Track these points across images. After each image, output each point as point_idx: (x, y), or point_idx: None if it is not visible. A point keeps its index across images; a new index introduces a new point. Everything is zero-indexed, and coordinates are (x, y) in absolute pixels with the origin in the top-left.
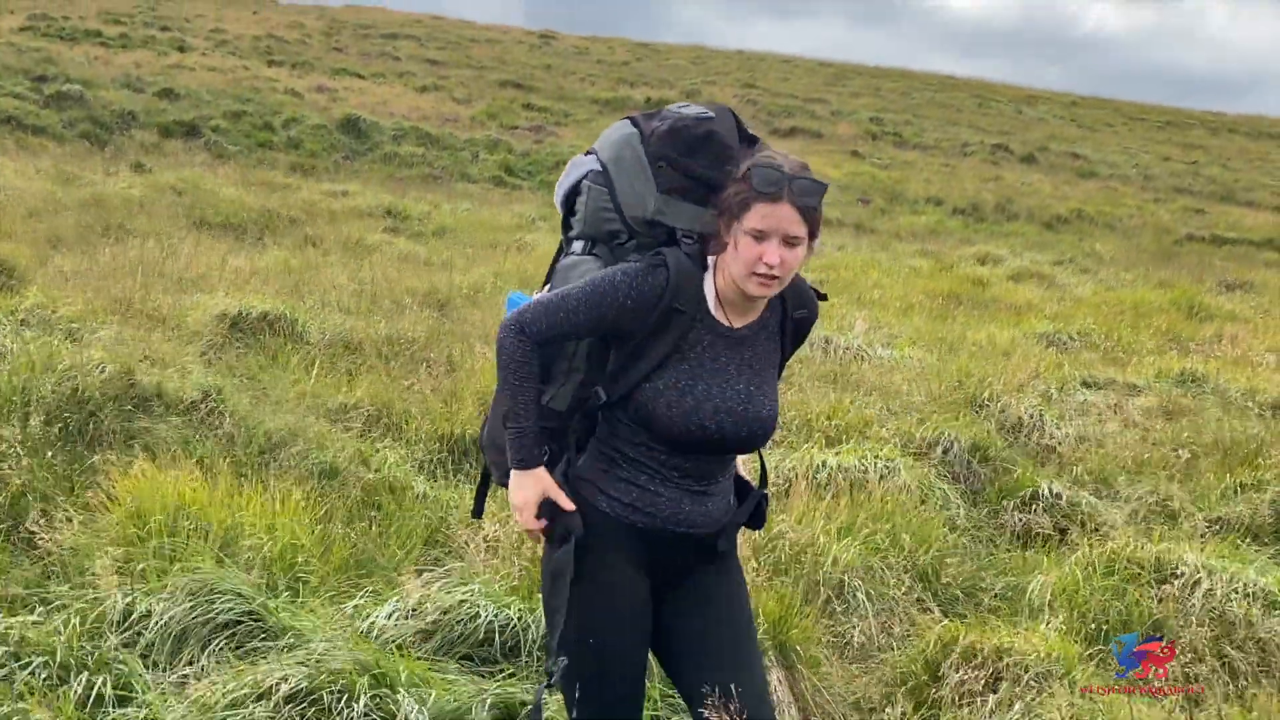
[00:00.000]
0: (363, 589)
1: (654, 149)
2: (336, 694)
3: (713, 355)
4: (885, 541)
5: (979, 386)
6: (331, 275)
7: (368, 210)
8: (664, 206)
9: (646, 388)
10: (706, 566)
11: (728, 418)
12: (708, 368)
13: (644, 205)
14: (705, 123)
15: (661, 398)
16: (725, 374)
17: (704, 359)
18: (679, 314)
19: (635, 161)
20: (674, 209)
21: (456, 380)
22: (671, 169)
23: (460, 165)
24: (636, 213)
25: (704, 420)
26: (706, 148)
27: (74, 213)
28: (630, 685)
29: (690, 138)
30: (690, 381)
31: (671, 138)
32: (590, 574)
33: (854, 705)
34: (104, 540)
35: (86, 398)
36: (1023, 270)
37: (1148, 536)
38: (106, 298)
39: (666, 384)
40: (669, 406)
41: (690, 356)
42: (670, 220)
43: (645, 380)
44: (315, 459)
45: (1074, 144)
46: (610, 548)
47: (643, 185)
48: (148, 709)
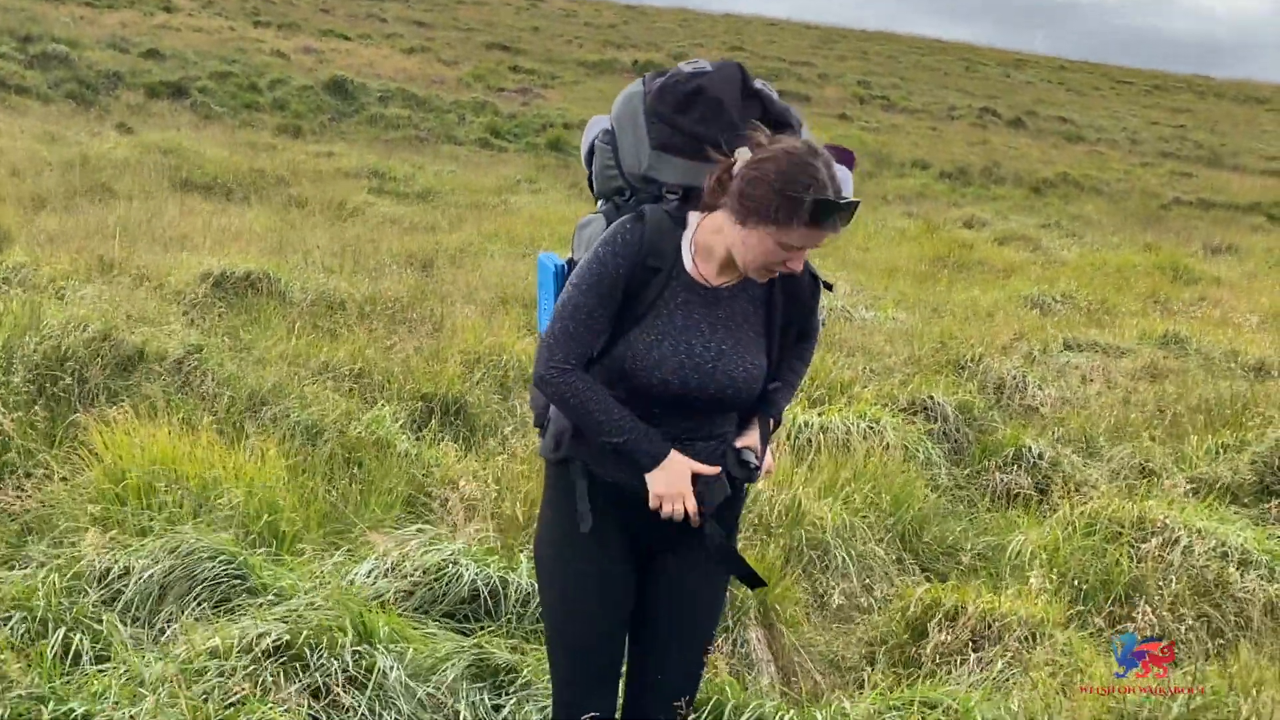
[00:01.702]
0: (341, 547)
1: (649, 105)
2: (317, 649)
3: (685, 312)
4: (866, 501)
5: (962, 348)
6: (315, 235)
7: (353, 171)
8: (655, 162)
9: (620, 342)
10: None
11: (693, 374)
12: (679, 324)
13: (639, 161)
14: (696, 79)
15: (630, 351)
16: (697, 331)
17: (675, 315)
18: (654, 270)
19: (633, 118)
20: (664, 164)
21: (439, 340)
22: (662, 124)
23: (446, 127)
24: (633, 169)
25: (666, 375)
26: (695, 103)
27: (59, 173)
28: (610, 646)
29: (680, 93)
30: (658, 337)
31: (662, 94)
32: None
33: (833, 664)
34: (84, 497)
35: (70, 356)
36: (1009, 233)
37: (1129, 496)
38: (90, 257)
39: (636, 338)
40: (634, 360)
41: (663, 313)
42: (660, 175)
43: (620, 335)
44: (297, 417)
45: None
46: (599, 505)
47: (638, 142)
48: (126, 665)
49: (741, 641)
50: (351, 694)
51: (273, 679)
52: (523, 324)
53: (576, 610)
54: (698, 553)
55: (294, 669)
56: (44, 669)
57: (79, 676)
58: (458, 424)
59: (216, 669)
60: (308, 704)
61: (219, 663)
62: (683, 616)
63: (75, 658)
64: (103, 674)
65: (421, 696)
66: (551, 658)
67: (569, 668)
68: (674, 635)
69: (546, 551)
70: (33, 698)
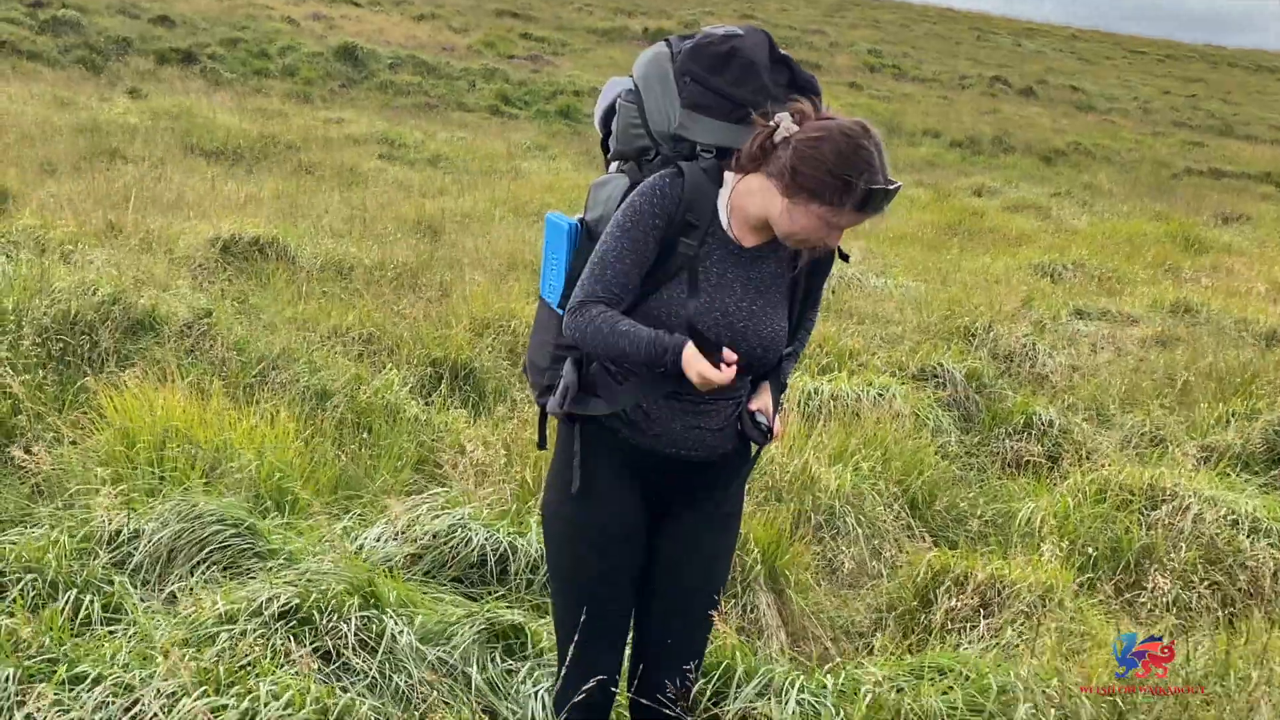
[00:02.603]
0: (351, 511)
1: (679, 65)
2: (327, 612)
3: (720, 270)
4: (876, 468)
5: (972, 315)
6: (325, 201)
7: (363, 138)
8: (686, 121)
9: (652, 297)
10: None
11: (725, 332)
12: (713, 282)
13: (668, 120)
14: (730, 40)
15: (663, 308)
16: (729, 290)
17: (710, 273)
18: (691, 227)
19: (662, 78)
20: (696, 123)
21: (448, 305)
22: (695, 84)
23: (456, 94)
24: (661, 127)
25: (702, 331)
26: (729, 65)
27: (68, 138)
28: (618, 606)
29: (714, 54)
30: (693, 293)
31: (695, 54)
32: (590, 495)
33: (842, 630)
34: (93, 460)
35: (79, 319)
36: (1019, 202)
37: (1139, 464)
38: (99, 222)
39: (670, 294)
40: (669, 316)
41: (698, 270)
42: (691, 135)
43: (654, 290)
44: (307, 382)
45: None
46: (607, 464)
47: (668, 101)
48: (137, 627)
49: (751, 607)
50: (362, 657)
51: (282, 642)
52: (532, 291)
53: (583, 566)
54: (706, 513)
55: (303, 632)
56: (55, 631)
57: (89, 638)
58: (467, 389)
59: (227, 632)
60: (318, 667)
61: (229, 626)
62: (690, 578)
63: (85, 620)
64: (113, 636)
65: (432, 660)
66: (557, 617)
67: (575, 627)
68: (681, 597)
69: (555, 508)
70: (45, 659)
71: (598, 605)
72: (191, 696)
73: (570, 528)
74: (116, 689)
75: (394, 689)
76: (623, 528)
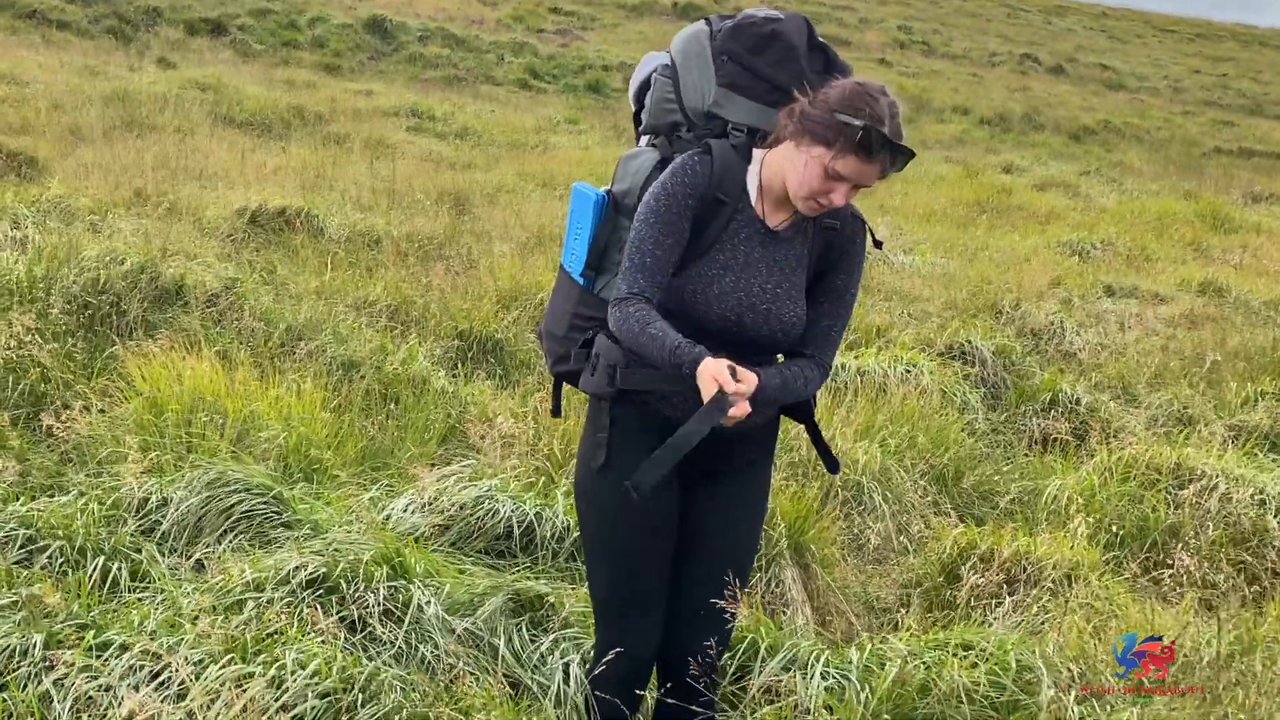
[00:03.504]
0: (378, 481)
1: (719, 44)
2: (353, 582)
3: (747, 249)
4: (903, 445)
5: (999, 293)
6: (353, 172)
7: (391, 110)
8: (721, 99)
9: (681, 274)
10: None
11: (749, 313)
12: (740, 261)
13: (703, 97)
14: (771, 23)
15: (690, 285)
16: (755, 270)
17: (737, 252)
18: (721, 204)
19: (700, 55)
20: (731, 102)
21: (475, 278)
22: (733, 63)
23: (485, 68)
24: (695, 104)
25: (726, 311)
26: (769, 47)
27: (98, 107)
28: (652, 579)
29: (755, 35)
30: (720, 272)
31: (736, 34)
32: (621, 469)
33: (868, 606)
34: (122, 429)
35: (107, 288)
36: (1048, 179)
37: (1166, 443)
38: (128, 191)
39: (697, 272)
40: (694, 294)
41: (727, 248)
42: (726, 113)
43: (682, 267)
44: (333, 353)
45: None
46: (638, 440)
47: (704, 78)
48: (164, 595)
49: (777, 582)
50: (388, 627)
51: (309, 611)
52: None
53: (616, 542)
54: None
55: (330, 602)
56: (83, 597)
57: (117, 605)
58: (492, 362)
59: (254, 600)
60: (344, 636)
61: (256, 594)
62: (719, 551)
63: (114, 586)
64: (141, 603)
65: (458, 631)
66: (592, 591)
67: (609, 600)
68: (710, 570)
69: (586, 484)
70: (73, 625)
71: (631, 579)
72: (219, 663)
73: (602, 503)
74: (144, 656)
75: (420, 659)
76: (654, 504)
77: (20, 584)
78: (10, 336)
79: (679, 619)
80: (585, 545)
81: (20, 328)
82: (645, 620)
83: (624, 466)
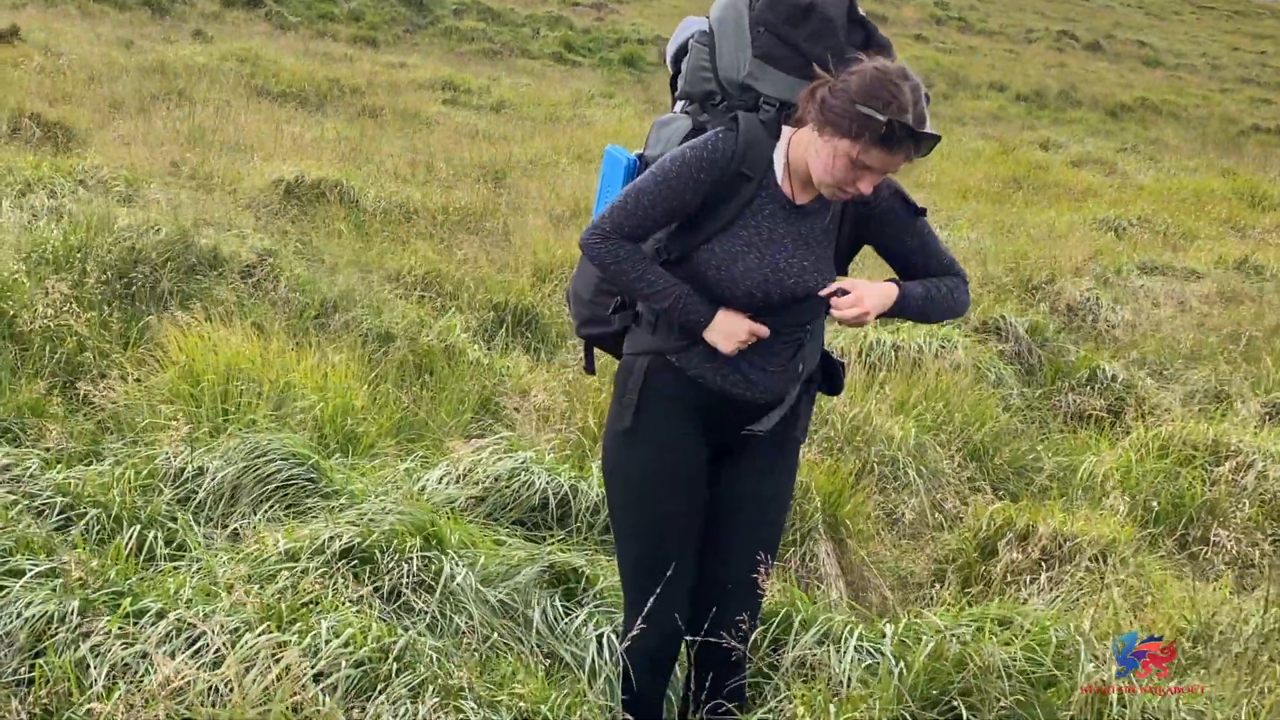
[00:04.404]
0: (414, 452)
1: (756, 14)
2: (388, 552)
3: (771, 226)
4: (938, 420)
5: (1035, 269)
6: (388, 145)
7: (427, 83)
8: (756, 71)
9: (703, 250)
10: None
11: (775, 288)
12: (764, 237)
13: (737, 68)
14: None
15: (714, 261)
16: (780, 246)
17: (762, 228)
18: (745, 180)
19: (737, 24)
20: (764, 74)
21: (511, 250)
22: (769, 34)
23: (520, 41)
24: (731, 74)
25: (752, 288)
26: (807, 20)
27: (134, 78)
28: (679, 548)
29: (792, 7)
30: (744, 249)
31: (774, 5)
32: (650, 434)
33: (902, 581)
34: (157, 398)
35: (143, 257)
36: (1084, 156)
37: (1203, 420)
38: (164, 161)
39: (721, 248)
40: (718, 271)
41: (750, 224)
42: (759, 85)
43: (704, 243)
44: (369, 324)
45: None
46: (669, 406)
47: (739, 48)
48: (200, 563)
49: (810, 555)
50: (422, 597)
51: (344, 581)
52: None
53: (644, 510)
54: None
55: (365, 572)
56: (120, 565)
57: (153, 573)
58: (528, 335)
59: (289, 570)
60: (379, 606)
61: (291, 564)
62: (749, 522)
63: (150, 555)
64: (177, 571)
65: (493, 602)
66: (621, 559)
67: (637, 569)
68: (740, 541)
69: (613, 451)
70: (110, 592)
71: (659, 548)
72: (254, 632)
73: (630, 471)
74: (179, 623)
75: (454, 629)
76: (682, 470)
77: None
78: (47, 305)
79: (709, 593)
80: (612, 515)
81: (58, 295)
82: (673, 592)
83: (650, 431)
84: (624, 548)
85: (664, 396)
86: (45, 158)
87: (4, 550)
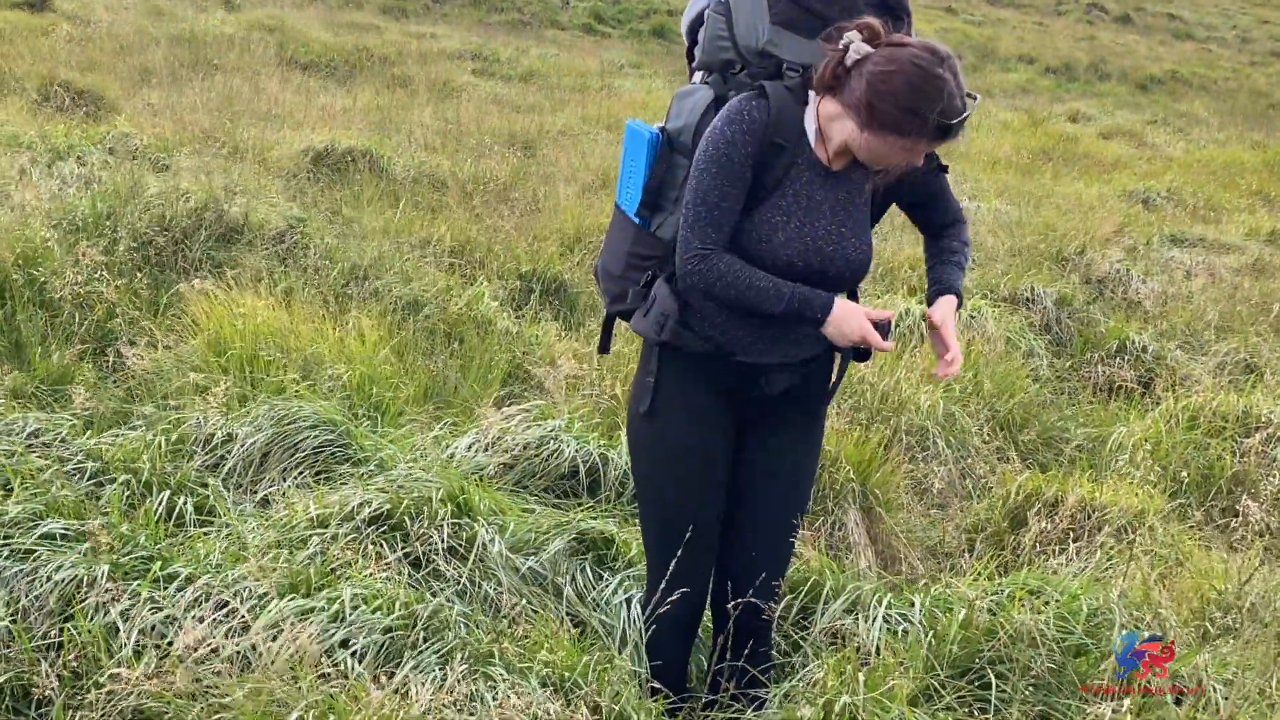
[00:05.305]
0: (443, 420)
1: None
2: (418, 519)
3: (809, 193)
4: (967, 390)
5: (1064, 240)
6: (418, 115)
7: (456, 53)
8: (775, 37)
9: (744, 220)
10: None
11: (815, 256)
12: (803, 205)
13: (756, 35)
14: None
15: (754, 232)
16: (819, 213)
17: (800, 196)
18: (779, 149)
19: None
20: (785, 41)
21: (540, 220)
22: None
23: (550, 12)
24: (749, 42)
25: (792, 258)
26: None
27: (164, 48)
28: (703, 520)
29: None
30: (783, 219)
31: None
32: (673, 407)
33: (930, 550)
34: (187, 365)
35: (172, 225)
36: (1114, 128)
37: (1233, 391)
38: (194, 130)
39: (761, 219)
40: (759, 242)
41: (788, 193)
42: (780, 52)
43: (745, 213)
44: (398, 292)
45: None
46: (691, 381)
47: (757, 15)
48: (229, 529)
49: (840, 524)
50: (451, 564)
51: (374, 547)
52: None
53: (667, 482)
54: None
55: (394, 538)
56: (150, 530)
57: (183, 539)
58: (557, 304)
59: (318, 536)
60: (408, 573)
61: (320, 530)
62: (774, 493)
63: (179, 521)
64: (206, 537)
65: (522, 569)
66: (644, 530)
67: (661, 541)
68: (765, 512)
69: (637, 424)
70: (139, 557)
71: (683, 520)
72: (282, 598)
73: (654, 444)
74: (208, 589)
75: (483, 596)
76: (705, 443)
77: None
78: (77, 272)
79: (733, 565)
80: (636, 487)
81: (89, 262)
82: (694, 563)
83: (669, 413)
84: (648, 520)
85: (685, 376)
86: (76, 125)
87: (35, 514)
